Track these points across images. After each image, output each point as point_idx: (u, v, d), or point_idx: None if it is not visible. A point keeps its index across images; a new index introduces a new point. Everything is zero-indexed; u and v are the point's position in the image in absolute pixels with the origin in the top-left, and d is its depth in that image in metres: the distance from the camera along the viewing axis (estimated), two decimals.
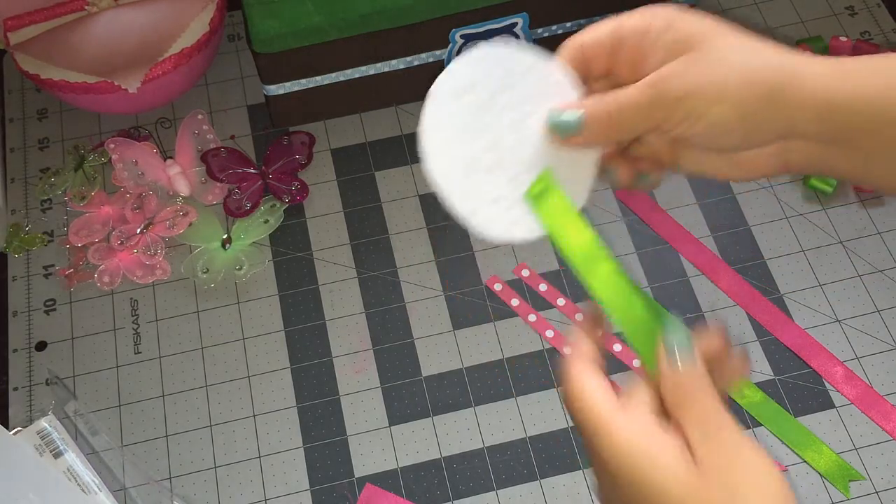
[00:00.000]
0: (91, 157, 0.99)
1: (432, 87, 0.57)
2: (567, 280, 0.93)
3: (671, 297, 0.92)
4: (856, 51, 1.02)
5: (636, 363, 0.89)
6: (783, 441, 0.85)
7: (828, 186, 0.96)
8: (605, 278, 0.57)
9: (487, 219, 0.58)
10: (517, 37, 0.98)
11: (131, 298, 0.93)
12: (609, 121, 0.55)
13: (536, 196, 0.58)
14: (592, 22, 0.97)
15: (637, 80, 0.54)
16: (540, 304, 0.92)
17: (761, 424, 0.86)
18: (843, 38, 1.02)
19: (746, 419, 0.86)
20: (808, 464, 0.84)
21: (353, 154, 1.01)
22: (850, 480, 0.84)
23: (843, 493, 0.83)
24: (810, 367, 0.89)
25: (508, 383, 0.88)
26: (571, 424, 0.86)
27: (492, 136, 0.58)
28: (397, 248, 0.95)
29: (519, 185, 0.58)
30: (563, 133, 0.56)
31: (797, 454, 0.85)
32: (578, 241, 0.57)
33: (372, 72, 0.98)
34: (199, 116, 1.01)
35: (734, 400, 0.87)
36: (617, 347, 0.90)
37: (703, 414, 0.50)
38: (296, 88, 0.97)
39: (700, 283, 0.93)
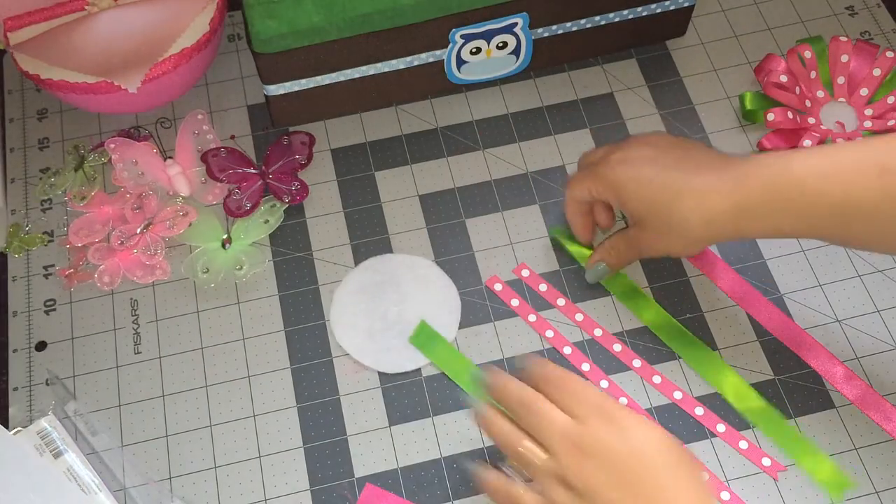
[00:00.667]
0: (91, 157, 0.99)
1: (337, 289, 0.93)
2: (567, 280, 0.93)
3: (671, 297, 0.92)
4: (856, 50, 1.02)
5: (636, 363, 0.89)
6: (780, 447, 0.85)
7: None
8: (470, 379, 0.88)
9: (386, 363, 0.89)
10: (517, 37, 0.98)
11: (131, 298, 0.93)
12: (617, 264, 0.90)
13: (417, 339, 0.90)
14: (592, 22, 0.98)
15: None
16: (540, 304, 0.92)
17: (757, 428, 0.86)
18: (843, 38, 1.02)
19: (745, 423, 0.86)
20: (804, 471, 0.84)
21: (353, 154, 1.01)
22: (844, 489, 0.83)
23: (836, 501, 0.83)
24: (810, 367, 0.89)
25: None
26: None
27: (381, 311, 0.91)
28: (397, 248, 0.95)
29: (404, 336, 0.90)
30: (601, 275, 0.91)
31: (794, 461, 0.85)
32: (450, 360, 0.90)
33: (372, 72, 0.98)
34: (199, 116, 1.01)
35: (732, 405, 0.87)
36: (617, 348, 0.90)
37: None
38: (296, 88, 0.97)
39: (700, 282, 0.93)
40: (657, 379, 0.88)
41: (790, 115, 0.98)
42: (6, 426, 0.86)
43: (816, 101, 1.01)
